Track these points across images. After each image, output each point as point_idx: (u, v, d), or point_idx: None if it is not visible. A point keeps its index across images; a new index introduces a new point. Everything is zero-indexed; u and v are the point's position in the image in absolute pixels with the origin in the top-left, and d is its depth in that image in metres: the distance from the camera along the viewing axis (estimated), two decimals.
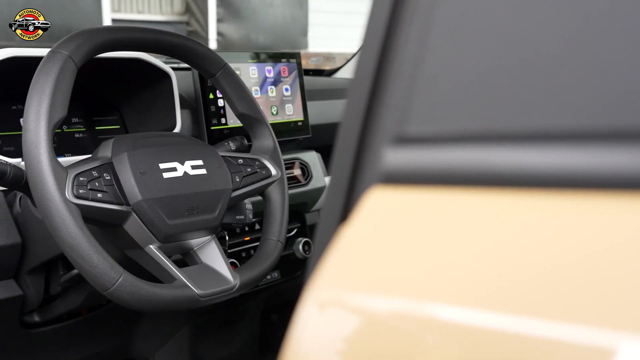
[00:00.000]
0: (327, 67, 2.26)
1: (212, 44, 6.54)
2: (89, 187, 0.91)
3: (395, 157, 0.42)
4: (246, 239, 1.44)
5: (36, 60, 0.96)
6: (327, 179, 1.59)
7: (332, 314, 0.41)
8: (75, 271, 1.11)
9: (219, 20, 6.80)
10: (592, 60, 0.38)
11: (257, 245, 1.43)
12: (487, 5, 0.42)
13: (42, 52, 1.03)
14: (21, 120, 1.17)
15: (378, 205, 0.42)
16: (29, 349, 1.24)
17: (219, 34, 6.83)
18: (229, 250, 1.39)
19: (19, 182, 0.92)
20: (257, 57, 1.46)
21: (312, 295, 0.42)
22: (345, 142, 0.45)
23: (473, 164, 0.39)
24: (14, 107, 1.17)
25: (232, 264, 1.34)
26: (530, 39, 0.40)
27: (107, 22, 6.20)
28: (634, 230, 0.35)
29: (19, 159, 1.03)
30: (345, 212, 0.45)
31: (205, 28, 6.79)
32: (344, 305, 0.41)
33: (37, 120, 0.87)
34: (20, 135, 1.15)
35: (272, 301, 1.80)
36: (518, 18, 0.41)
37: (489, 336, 0.36)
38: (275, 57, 1.49)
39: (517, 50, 0.40)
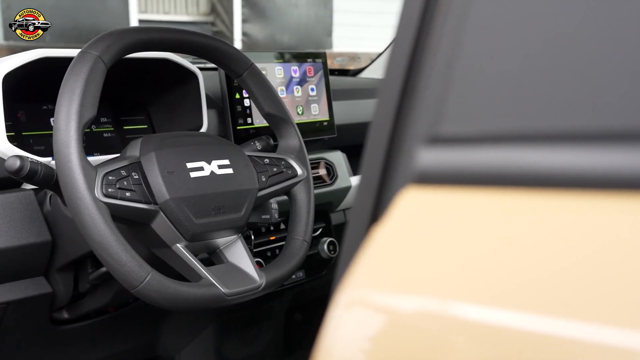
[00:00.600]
0: (352, 67, 2.26)
1: (237, 44, 6.57)
2: (117, 186, 0.92)
3: (428, 157, 0.42)
4: (271, 238, 1.45)
5: (66, 60, 0.97)
6: (352, 179, 1.59)
7: (365, 314, 0.41)
8: (103, 269, 1.12)
9: (244, 21, 6.84)
10: (631, 59, 0.37)
11: (282, 245, 1.44)
12: (524, 3, 0.41)
13: (72, 52, 1.04)
14: (51, 120, 1.19)
15: (412, 205, 0.42)
16: (58, 345, 1.26)
17: (244, 34, 6.86)
18: (255, 250, 1.39)
19: (50, 181, 0.94)
20: (283, 57, 1.46)
21: (344, 296, 0.42)
22: (376, 142, 0.45)
23: (508, 165, 0.39)
24: (45, 107, 1.19)
25: (257, 263, 1.34)
26: (568, 38, 0.39)
27: (134, 22, 6.27)
28: None
29: (50, 158, 1.05)
30: (375, 212, 0.45)
31: (230, 28, 6.82)
32: (378, 306, 0.41)
33: (68, 120, 0.88)
34: (51, 134, 1.16)
35: (297, 301, 1.80)
36: (555, 16, 0.40)
37: (521, 338, 0.36)
38: (301, 57, 1.49)
39: (553, 49, 0.40)
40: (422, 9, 0.44)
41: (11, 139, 1.05)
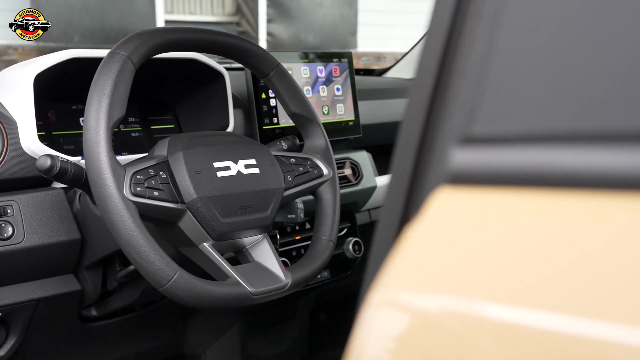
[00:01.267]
0: (377, 67, 2.25)
1: (262, 44, 6.59)
2: (145, 185, 0.93)
3: (462, 157, 0.41)
4: (297, 238, 1.45)
5: (96, 61, 0.99)
6: (377, 179, 1.59)
7: (397, 315, 0.41)
8: (131, 267, 1.13)
9: (269, 21, 6.86)
10: None
11: (307, 245, 1.44)
12: (560, 2, 0.41)
13: (102, 53, 1.05)
14: (81, 119, 1.21)
15: (445, 206, 0.41)
16: (86, 342, 1.28)
17: (269, 34, 6.89)
18: (280, 249, 1.39)
19: (79, 180, 0.95)
20: (309, 57, 1.46)
21: (377, 296, 0.41)
22: (407, 142, 0.45)
23: (543, 165, 0.38)
24: (74, 107, 1.20)
25: (282, 262, 1.34)
26: (605, 37, 0.39)
27: (160, 23, 6.33)
28: None
29: (79, 157, 1.06)
30: (406, 212, 0.44)
31: (255, 28, 6.85)
32: (411, 307, 0.41)
33: (97, 119, 0.89)
34: (80, 134, 1.19)
35: (322, 300, 1.81)
36: (592, 15, 0.40)
37: (557, 341, 0.35)
38: (327, 57, 1.49)
39: (590, 48, 0.39)
40: (453, 8, 0.44)
41: (42, 139, 1.07)
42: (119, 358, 1.37)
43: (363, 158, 1.56)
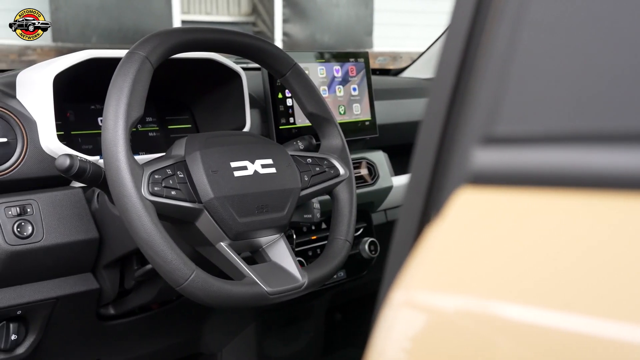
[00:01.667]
0: (393, 67, 2.25)
1: (278, 44, 6.61)
2: (163, 185, 0.93)
3: (484, 157, 0.41)
4: (313, 237, 1.45)
5: (114, 61, 0.99)
6: (394, 179, 1.58)
7: (419, 315, 0.41)
8: (148, 266, 1.14)
9: (284, 21, 6.87)
10: None
11: (323, 245, 1.44)
12: (581, 0, 0.40)
13: (120, 53, 1.06)
14: (99, 119, 1.22)
15: (467, 206, 0.41)
16: (104, 340, 1.29)
17: (285, 34, 6.90)
18: (296, 249, 1.40)
19: (98, 179, 0.96)
20: (326, 57, 1.46)
21: (398, 296, 0.41)
22: (427, 142, 0.45)
23: (566, 166, 0.38)
24: (93, 107, 1.21)
25: (298, 262, 1.34)
26: (627, 35, 0.38)
27: (176, 23, 6.36)
28: None
29: (97, 157, 1.07)
30: (427, 212, 0.44)
31: (271, 28, 6.87)
32: (433, 308, 0.41)
33: (116, 119, 0.90)
34: (98, 134, 1.19)
35: (337, 300, 1.80)
36: (614, 13, 0.39)
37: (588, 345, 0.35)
38: (344, 57, 1.49)
39: (614, 48, 0.39)
40: (474, 7, 0.43)
41: (61, 138, 1.08)
42: (136, 356, 1.38)
43: (379, 158, 1.56)
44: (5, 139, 1.04)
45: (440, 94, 0.44)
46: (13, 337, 1.09)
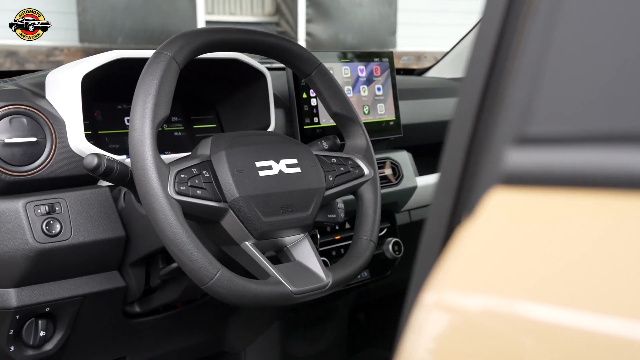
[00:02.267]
0: (417, 67, 2.24)
1: (301, 44, 6.62)
2: (189, 184, 0.94)
3: (517, 158, 0.41)
4: (337, 237, 1.45)
5: (140, 61, 1.00)
6: (418, 179, 1.58)
7: (451, 317, 0.40)
8: (174, 265, 1.15)
9: (308, 21, 6.88)
10: None
11: (347, 244, 1.44)
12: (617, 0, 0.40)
13: (147, 53, 1.07)
14: (126, 119, 1.23)
15: (500, 207, 0.41)
16: (129, 338, 1.30)
17: (308, 34, 6.91)
18: (320, 249, 1.40)
19: (124, 178, 0.97)
20: (350, 57, 1.46)
21: (430, 297, 0.41)
22: (457, 142, 0.44)
23: (601, 166, 0.38)
24: (119, 107, 1.22)
25: (322, 262, 1.34)
26: None
27: (201, 24, 6.40)
28: None
29: (124, 156, 1.08)
30: (456, 212, 0.44)
31: (294, 28, 6.88)
32: (465, 309, 0.40)
33: (143, 119, 0.91)
34: (125, 133, 1.20)
35: (361, 300, 1.80)
36: None
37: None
38: (368, 57, 1.49)
39: None
40: (506, 7, 0.43)
41: (88, 138, 1.09)
42: (161, 354, 1.39)
43: (403, 158, 1.55)
44: (34, 138, 1.05)
45: (470, 93, 0.44)
46: (41, 333, 1.10)
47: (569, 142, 0.40)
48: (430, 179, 1.62)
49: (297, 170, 1.05)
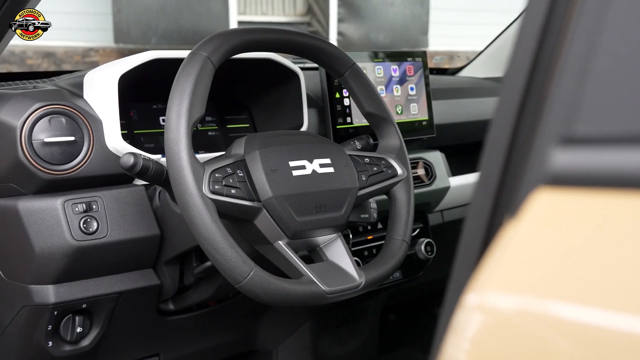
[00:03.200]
0: (450, 66, 2.22)
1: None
2: (223, 183, 0.95)
3: (563, 158, 0.40)
4: (369, 237, 1.44)
5: (175, 61, 1.01)
6: (451, 180, 1.56)
7: (496, 319, 0.40)
8: (208, 263, 1.16)
9: (339, 20, 6.88)
10: None
11: (379, 245, 1.44)
12: None
13: (182, 54, 1.08)
14: (161, 118, 1.24)
15: (546, 208, 0.40)
16: (163, 335, 1.31)
17: (340, 33, 6.91)
18: (352, 249, 1.39)
19: (160, 177, 0.98)
20: (383, 57, 1.45)
21: (473, 299, 0.40)
22: (498, 142, 0.44)
23: None
24: (155, 106, 1.24)
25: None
26: None
27: (233, 24, 6.45)
28: None
29: (159, 156, 1.09)
30: (496, 213, 0.43)
31: (326, 28, 6.89)
32: (511, 311, 0.40)
33: (178, 118, 0.92)
34: (160, 133, 1.22)
35: (392, 301, 1.79)
36: None
37: None
38: (401, 56, 1.48)
39: None
40: (549, 6, 0.42)
41: (124, 137, 1.11)
42: (194, 352, 1.41)
43: (436, 158, 1.54)
44: (72, 138, 1.07)
45: (512, 92, 0.43)
46: (78, 329, 1.12)
47: (617, 143, 0.39)
48: (463, 180, 1.61)
49: (331, 170, 1.05)
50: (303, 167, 1.02)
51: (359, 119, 1.37)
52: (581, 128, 0.40)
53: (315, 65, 1.21)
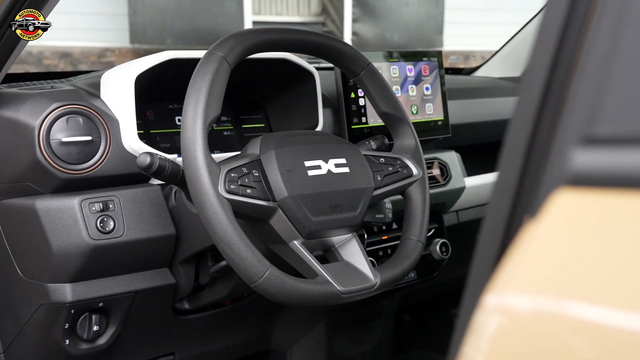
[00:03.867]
0: (465, 66, 2.21)
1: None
2: (239, 183, 0.95)
3: (584, 158, 0.40)
4: (384, 237, 1.44)
5: (192, 61, 1.02)
6: (466, 180, 1.56)
7: (517, 320, 0.39)
8: (223, 263, 1.16)
9: (354, 20, 6.87)
10: None
11: (394, 245, 1.43)
12: None
13: (197, 54, 1.08)
14: (177, 118, 1.25)
15: (566, 208, 0.40)
16: (179, 334, 1.32)
17: (354, 33, 6.90)
18: (367, 249, 1.39)
19: (176, 177, 0.98)
20: (398, 56, 1.45)
21: (492, 300, 0.40)
22: (517, 142, 0.43)
23: None
24: (171, 106, 1.24)
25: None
26: None
27: (248, 24, 6.47)
28: None
29: (175, 155, 1.10)
30: (515, 213, 0.43)
31: (340, 28, 6.89)
32: (532, 312, 0.39)
33: (194, 118, 0.92)
34: (176, 132, 1.22)
35: (407, 301, 1.79)
36: None
37: None
38: (417, 56, 1.48)
39: None
40: (569, 5, 0.42)
41: (140, 137, 1.11)
42: (209, 351, 1.41)
43: (452, 158, 1.54)
44: (89, 137, 1.08)
45: (531, 92, 0.43)
46: (95, 328, 1.13)
47: (638, 143, 0.39)
48: (479, 180, 1.60)
49: (346, 170, 1.05)
50: (318, 167, 1.02)
51: (374, 119, 1.37)
52: (602, 128, 0.40)
53: (331, 65, 1.21)
